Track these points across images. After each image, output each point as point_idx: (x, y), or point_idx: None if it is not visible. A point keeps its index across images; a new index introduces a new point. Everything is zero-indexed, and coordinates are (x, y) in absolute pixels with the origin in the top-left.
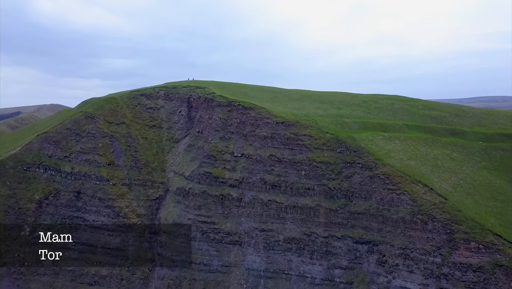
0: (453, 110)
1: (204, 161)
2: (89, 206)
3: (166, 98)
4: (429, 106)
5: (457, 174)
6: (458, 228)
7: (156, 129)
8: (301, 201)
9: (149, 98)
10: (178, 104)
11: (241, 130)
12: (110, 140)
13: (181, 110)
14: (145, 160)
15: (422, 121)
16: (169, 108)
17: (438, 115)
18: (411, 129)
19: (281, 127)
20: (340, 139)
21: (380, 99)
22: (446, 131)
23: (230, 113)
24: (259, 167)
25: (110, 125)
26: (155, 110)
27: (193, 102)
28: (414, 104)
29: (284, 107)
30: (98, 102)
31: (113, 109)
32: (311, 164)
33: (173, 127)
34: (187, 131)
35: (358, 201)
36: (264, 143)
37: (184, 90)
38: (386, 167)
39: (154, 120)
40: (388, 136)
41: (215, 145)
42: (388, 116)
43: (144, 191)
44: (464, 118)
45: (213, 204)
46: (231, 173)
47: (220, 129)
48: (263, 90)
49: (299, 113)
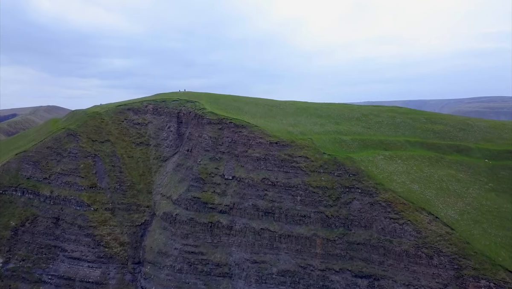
0: (457, 124)
1: (192, 184)
2: (68, 234)
3: (155, 113)
4: (432, 120)
5: (464, 198)
6: (467, 263)
7: (143, 146)
8: (296, 229)
9: (137, 112)
10: (167, 119)
11: (232, 150)
12: (93, 160)
13: (170, 126)
14: (131, 181)
15: (425, 137)
16: (157, 123)
17: (442, 130)
18: (413, 146)
19: (275, 147)
20: (338, 161)
21: (380, 112)
22: (450, 148)
23: (221, 132)
24: (251, 191)
25: (94, 143)
26: (142, 126)
27: (183, 117)
28: (416, 117)
29: (279, 123)
30: (82, 117)
31: (97, 125)
32: (307, 189)
33: (161, 144)
34: (176, 149)
35: (358, 230)
36: (256, 165)
37: (174, 104)
38: (388, 192)
39: (142, 137)
40: (389, 156)
41: (204, 167)
42: (389, 131)
43: (129, 216)
44: (468, 133)
45: (201, 232)
46: (221, 198)
47: (210, 149)
48: (257, 104)
49: (295, 131)
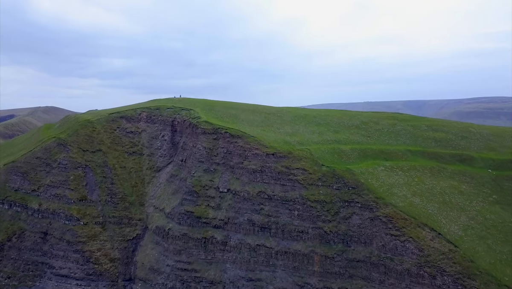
0: (459, 132)
1: (185, 197)
2: (56, 250)
3: (149, 121)
4: (433, 127)
5: (467, 212)
6: (471, 283)
7: (136, 156)
8: (293, 246)
9: (130, 121)
10: (161, 127)
11: (227, 161)
12: (83, 171)
13: (164, 135)
14: (123, 193)
15: (427, 145)
16: (151, 132)
17: (443, 138)
18: (415, 155)
19: (271, 159)
20: (337, 174)
21: (380, 119)
22: (452, 157)
23: (216, 142)
24: (246, 205)
25: (85, 153)
26: (136, 134)
27: (178, 125)
28: (417, 124)
29: (276, 132)
30: (73, 126)
31: (88, 134)
32: (305, 203)
33: (155, 154)
34: (170, 159)
35: (357, 246)
36: (252, 177)
37: (168, 112)
38: (389, 207)
39: (135, 146)
40: (390, 167)
41: (198, 179)
42: (389, 140)
43: (120, 230)
44: (471, 141)
45: (194, 248)
46: (216, 212)
47: (204, 160)
48: (254, 111)
49: (292, 141)
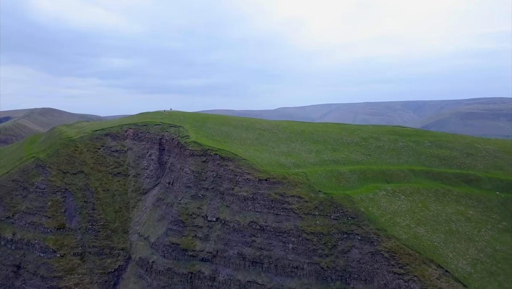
0: (464, 148)
1: (171, 227)
2: (29, 285)
3: (135, 138)
4: (436, 143)
5: (476, 242)
6: None
7: (121, 177)
8: (287, 283)
9: (115, 138)
10: (148, 146)
11: (217, 186)
12: (62, 196)
13: (151, 154)
14: (105, 219)
15: (430, 164)
16: (138, 150)
17: (448, 156)
18: (418, 176)
19: (264, 185)
20: (335, 202)
21: (381, 135)
22: (458, 177)
23: (205, 165)
24: (237, 237)
25: (65, 176)
26: (121, 153)
27: (166, 144)
28: (420, 140)
29: (270, 153)
30: (54, 144)
31: (70, 154)
32: (300, 235)
33: (141, 174)
34: (157, 180)
35: (357, 284)
36: (244, 206)
37: (156, 129)
38: (391, 240)
39: (120, 166)
40: (392, 191)
41: (185, 206)
42: (391, 158)
43: (100, 261)
44: (477, 158)
45: (180, 284)
46: (203, 244)
47: (192, 185)
48: (248, 128)
49: (288, 162)
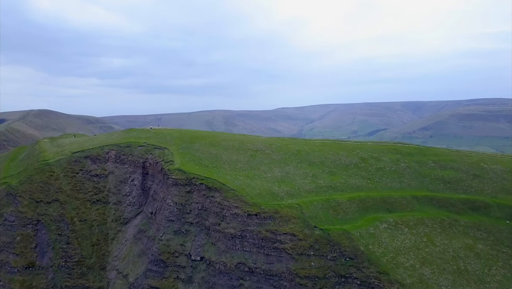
0: (470, 169)
1: (150, 268)
2: None
3: (117, 161)
4: (440, 163)
5: (487, 284)
6: None
7: (100, 205)
8: None
9: (96, 161)
10: (131, 169)
11: (202, 220)
12: (34, 229)
13: (134, 179)
14: (80, 254)
15: (435, 188)
16: (119, 174)
17: (453, 178)
18: (422, 203)
19: (254, 221)
20: (332, 239)
21: (382, 153)
22: (464, 204)
23: (190, 196)
24: (223, 280)
25: (38, 205)
26: (101, 178)
27: (149, 168)
28: (423, 160)
29: (262, 179)
30: (28, 168)
31: (45, 181)
32: (293, 280)
33: (122, 202)
34: (139, 208)
35: None
36: (231, 244)
37: (140, 151)
38: (394, 286)
39: (99, 192)
40: (394, 223)
41: (166, 244)
42: (392, 182)
43: None
44: (484, 181)
45: None
46: (186, 286)
47: (175, 219)
48: (239, 149)
49: (281, 191)
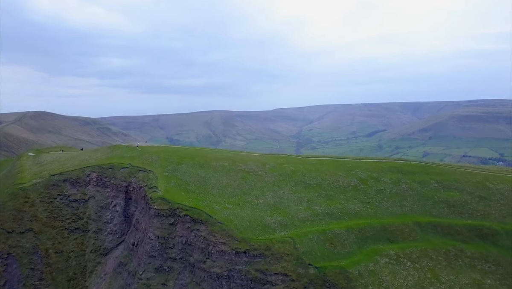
0: (475, 189)
1: None
2: None
3: (99, 184)
4: (444, 183)
5: None
6: None
7: (78, 234)
8: None
9: (75, 185)
10: (113, 194)
11: (186, 256)
12: (3, 264)
13: (116, 204)
14: None
15: (438, 212)
16: (101, 199)
17: (458, 200)
18: (425, 231)
19: (243, 259)
20: (328, 279)
21: (382, 173)
22: (471, 231)
23: (173, 229)
24: None
25: (10, 236)
26: (81, 203)
27: (133, 192)
28: (425, 180)
29: (253, 207)
30: (3, 191)
31: (18, 208)
32: None
33: (103, 230)
34: (121, 237)
35: None
36: (217, 286)
37: (123, 174)
38: None
39: (79, 219)
40: (395, 256)
41: (147, 283)
42: (393, 206)
43: None
44: (490, 203)
45: None
46: None
47: (156, 255)
48: (230, 170)
49: (273, 222)
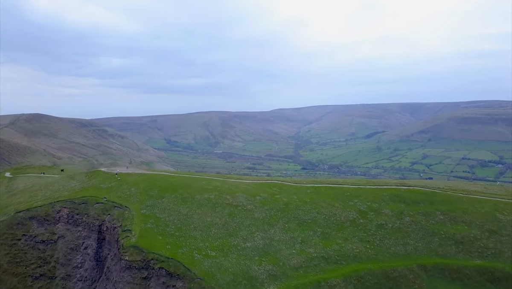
0: (484, 221)
1: None
2: None
3: (70, 222)
4: (450, 214)
5: None
6: None
7: (44, 282)
8: None
9: (43, 223)
10: (85, 233)
11: None
12: None
13: (87, 246)
14: None
15: (445, 252)
16: (71, 239)
17: (466, 236)
18: (431, 276)
19: None
20: None
21: (383, 203)
22: (481, 274)
23: (146, 284)
24: None
25: None
26: (49, 245)
27: (106, 232)
28: (430, 210)
29: (239, 253)
30: None
31: None
32: None
33: (72, 276)
34: (92, 285)
35: None
36: None
37: (97, 210)
38: None
39: (45, 264)
40: None
41: None
42: (396, 245)
43: None
44: (502, 239)
45: None
46: None
47: None
48: (216, 205)
49: (261, 273)
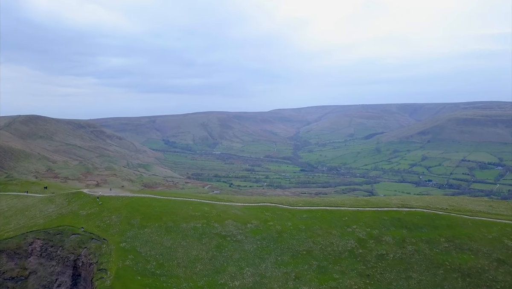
0: (491, 250)
1: None
2: None
3: (43, 255)
4: (456, 241)
5: None
6: None
7: None
8: None
9: (14, 257)
10: (59, 268)
11: None
12: None
13: (61, 283)
14: None
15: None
16: (44, 275)
17: (473, 267)
18: None
19: None
20: None
21: (383, 229)
22: None
23: None
24: None
25: None
26: (18, 282)
27: (82, 268)
28: (434, 237)
29: None
30: None
31: None
32: None
33: None
34: None
35: None
36: None
37: (73, 242)
38: None
39: None
40: None
41: None
42: (398, 279)
43: None
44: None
45: None
46: None
47: None
48: (203, 235)
49: None
